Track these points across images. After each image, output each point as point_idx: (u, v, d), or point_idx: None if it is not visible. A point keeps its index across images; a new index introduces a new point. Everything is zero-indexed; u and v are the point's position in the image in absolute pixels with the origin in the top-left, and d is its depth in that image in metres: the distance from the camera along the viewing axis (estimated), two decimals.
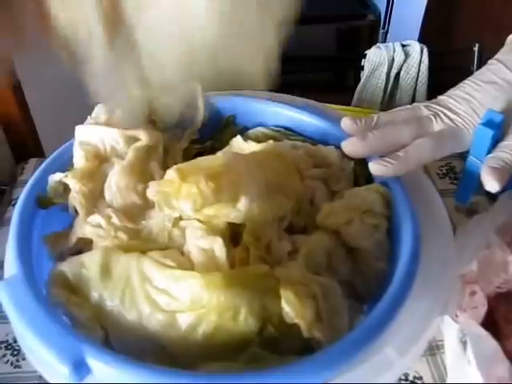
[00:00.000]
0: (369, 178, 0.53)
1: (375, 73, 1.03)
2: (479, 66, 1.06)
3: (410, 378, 0.56)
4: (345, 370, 0.39)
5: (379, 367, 0.40)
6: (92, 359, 0.38)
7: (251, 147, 0.53)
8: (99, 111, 0.55)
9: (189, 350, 0.40)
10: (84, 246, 0.48)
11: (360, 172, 0.53)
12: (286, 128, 0.59)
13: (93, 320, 0.42)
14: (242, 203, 0.45)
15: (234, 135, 0.57)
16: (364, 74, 1.04)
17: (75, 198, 0.50)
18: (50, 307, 0.41)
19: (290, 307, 0.40)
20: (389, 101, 1.06)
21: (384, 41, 1.55)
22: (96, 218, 0.48)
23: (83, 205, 0.49)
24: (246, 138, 0.57)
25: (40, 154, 0.87)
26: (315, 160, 0.54)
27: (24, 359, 0.57)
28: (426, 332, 0.43)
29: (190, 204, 0.44)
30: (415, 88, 1.05)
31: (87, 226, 0.48)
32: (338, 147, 0.54)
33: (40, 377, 0.40)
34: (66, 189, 0.51)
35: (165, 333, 0.41)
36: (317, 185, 0.52)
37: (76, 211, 0.50)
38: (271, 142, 0.53)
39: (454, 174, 0.77)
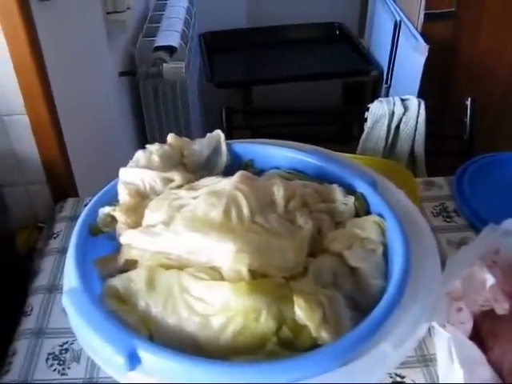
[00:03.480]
0: (367, 211, 0.63)
1: (377, 124, 1.14)
2: (472, 118, 1.17)
3: None
4: (349, 361, 0.48)
5: (377, 359, 0.49)
6: (142, 351, 0.47)
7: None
8: (139, 156, 0.65)
9: (220, 346, 0.49)
10: (129, 266, 0.58)
11: (360, 206, 0.63)
12: (297, 170, 0.69)
13: (140, 324, 0.51)
14: None
15: None
16: (367, 126, 1.16)
17: (122, 228, 0.60)
18: (106, 312, 0.51)
19: (302, 312, 0.50)
20: (390, 150, 1.16)
21: (386, 95, 1.68)
22: (140, 244, 0.58)
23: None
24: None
25: (75, 194, 0.98)
26: (322, 196, 0.64)
27: (69, 368, 0.66)
28: (415, 331, 0.52)
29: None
30: (414, 138, 1.16)
31: (133, 250, 0.58)
32: (341, 185, 0.64)
33: None
34: (112, 220, 0.61)
35: (200, 333, 0.50)
36: (323, 217, 0.62)
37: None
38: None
39: (447, 213, 0.87)
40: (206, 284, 0.51)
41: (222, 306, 0.50)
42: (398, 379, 0.64)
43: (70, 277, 0.55)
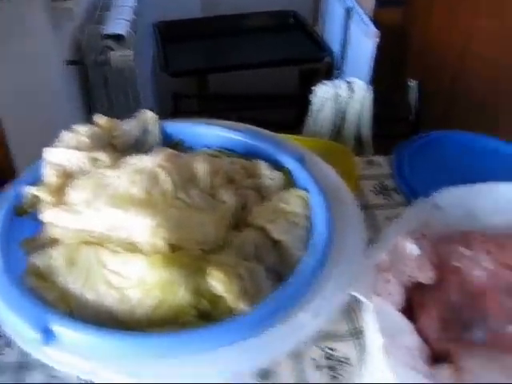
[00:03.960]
0: (294, 186, 0.63)
1: (323, 107, 1.15)
2: (418, 100, 1.19)
3: (340, 359, 0.65)
4: (266, 330, 0.48)
5: (294, 328, 0.49)
6: (57, 326, 0.47)
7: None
8: (66, 136, 0.65)
9: (138, 320, 0.50)
10: (53, 245, 0.58)
11: (286, 181, 0.64)
12: (227, 148, 0.69)
13: (59, 300, 0.51)
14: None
15: None
16: (312, 109, 1.16)
17: (46, 208, 0.59)
18: (24, 290, 0.50)
19: (219, 283, 0.50)
20: (337, 132, 1.17)
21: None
22: (62, 222, 0.57)
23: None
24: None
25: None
26: (249, 172, 0.65)
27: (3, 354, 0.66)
28: (335, 301, 0.53)
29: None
30: (360, 120, 1.17)
31: (56, 228, 0.57)
32: (269, 161, 0.65)
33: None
34: (38, 200, 0.61)
35: (118, 307, 0.50)
36: (249, 192, 0.62)
37: None
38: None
39: (386, 191, 0.88)
40: (123, 258, 0.51)
41: (138, 279, 0.50)
42: (329, 352, 0.66)
43: None
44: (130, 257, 0.51)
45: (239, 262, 0.53)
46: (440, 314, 0.62)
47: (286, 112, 1.55)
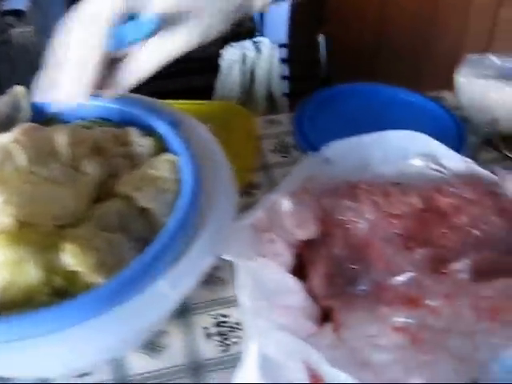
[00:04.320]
0: (166, 150, 0.61)
1: (231, 70, 1.12)
2: (328, 57, 1.17)
3: (232, 325, 0.64)
4: (120, 303, 0.46)
5: (153, 299, 0.47)
6: None
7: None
8: None
9: None
10: None
11: (157, 146, 0.61)
12: (102, 118, 0.66)
13: None
14: None
15: None
16: (220, 72, 1.13)
17: None
18: None
19: (72, 257, 0.48)
20: (247, 94, 1.15)
21: None
22: None
23: None
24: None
25: None
26: (120, 140, 0.62)
27: None
28: (199, 267, 0.51)
29: None
30: (270, 80, 1.14)
31: None
32: (142, 128, 0.62)
33: None
34: None
35: None
36: (119, 161, 0.60)
37: None
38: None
39: (285, 148, 0.86)
40: None
41: None
42: (221, 319, 0.64)
43: None
44: None
45: (97, 233, 0.51)
46: (325, 269, 0.61)
47: (210, 76, 1.51)
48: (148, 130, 0.63)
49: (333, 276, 0.60)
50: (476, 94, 0.90)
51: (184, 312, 0.64)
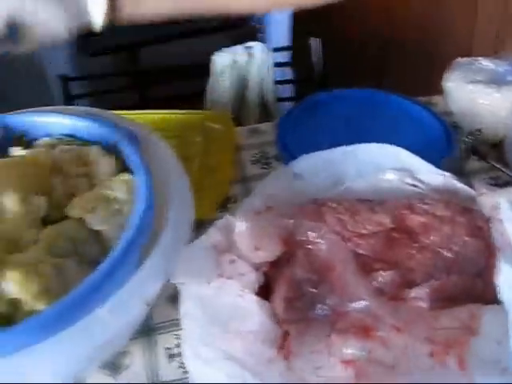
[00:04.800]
0: (125, 169, 0.60)
1: (221, 76, 1.11)
2: (320, 61, 1.14)
3: None
4: (58, 331, 0.46)
5: (91, 326, 0.47)
6: None
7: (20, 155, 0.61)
8: None
9: None
10: None
11: (117, 165, 0.61)
12: (69, 135, 0.66)
13: None
14: None
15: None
16: (210, 79, 1.12)
17: None
18: None
19: (14, 285, 0.47)
20: (240, 100, 1.13)
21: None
22: None
23: None
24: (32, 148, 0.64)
25: None
26: (82, 159, 0.61)
27: None
28: (144, 293, 0.50)
29: None
30: (262, 86, 1.13)
31: None
32: (105, 145, 0.62)
33: None
34: None
35: None
36: (79, 181, 0.59)
37: None
38: (34, 150, 0.61)
39: (266, 160, 0.85)
40: None
41: None
42: None
43: None
44: None
45: (44, 258, 0.51)
46: (286, 292, 0.60)
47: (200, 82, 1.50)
48: (111, 148, 0.63)
49: (293, 299, 0.59)
50: (464, 100, 0.87)
51: (148, 331, 0.63)
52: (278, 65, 1.17)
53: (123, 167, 0.61)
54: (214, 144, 0.84)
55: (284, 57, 1.29)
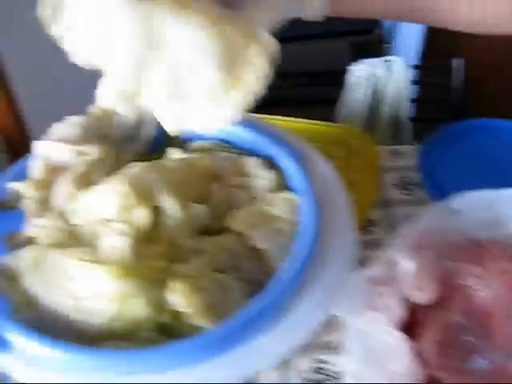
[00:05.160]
0: (286, 186, 0.59)
1: (357, 88, 1.08)
2: (460, 82, 1.09)
3: (329, 373, 0.61)
4: (218, 354, 0.45)
5: (253, 354, 0.46)
6: (12, 335, 0.46)
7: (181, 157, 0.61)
8: (56, 128, 0.63)
9: (94, 331, 0.47)
10: (30, 243, 0.56)
11: (278, 181, 0.59)
12: (223, 140, 0.65)
13: (23, 304, 0.50)
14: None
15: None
16: (346, 90, 1.09)
17: (26, 204, 0.58)
18: None
19: (180, 298, 0.47)
20: (372, 115, 1.10)
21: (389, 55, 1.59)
22: (41, 221, 0.56)
23: (32, 210, 0.57)
24: (186, 151, 0.64)
25: None
26: (238, 169, 0.60)
27: None
28: (309, 322, 0.49)
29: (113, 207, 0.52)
30: (398, 102, 1.09)
31: (32, 227, 0.56)
32: (263, 157, 0.60)
33: None
34: (21, 195, 0.60)
35: (75, 316, 0.48)
36: (236, 192, 0.58)
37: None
38: (196, 155, 0.60)
39: (408, 185, 0.81)
40: (83, 266, 0.49)
41: (95, 289, 0.48)
42: (320, 365, 0.61)
43: None
44: (89, 264, 0.48)
45: (207, 273, 0.50)
46: (440, 336, 0.56)
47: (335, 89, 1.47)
48: (267, 160, 0.61)
49: (447, 345, 0.55)
50: None
51: None
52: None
53: (281, 182, 0.60)
54: (356, 161, 0.82)
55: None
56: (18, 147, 0.93)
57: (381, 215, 0.77)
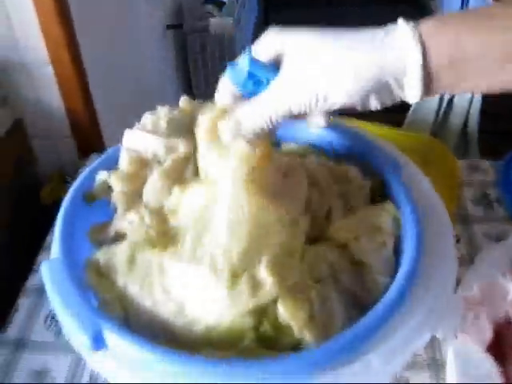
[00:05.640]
0: (385, 198, 0.56)
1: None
2: None
3: None
4: (327, 370, 0.43)
5: (361, 372, 0.44)
6: (108, 333, 0.44)
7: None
8: (146, 119, 0.61)
9: (193, 337, 0.46)
10: (120, 238, 0.55)
11: (377, 191, 0.57)
12: (315, 145, 0.63)
13: (116, 302, 0.48)
14: None
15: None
16: None
17: (116, 197, 0.56)
18: (80, 287, 0.48)
19: (285, 309, 0.45)
20: (440, 124, 1.06)
21: None
22: (131, 216, 0.54)
23: (122, 203, 0.56)
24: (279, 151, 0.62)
25: (102, 149, 0.95)
26: (336, 177, 0.58)
27: None
28: (413, 343, 0.46)
29: None
30: (468, 113, 1.06)
31: (123, 222, 0.54)
32: (360, 166, 0.58)
33: None
34: (110, 187, 0.58)
35: (174, 320, 0.46)
36: (334, 200, 0.56)
37: (116, 208, 0.56)
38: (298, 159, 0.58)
39: (488, 201, 0.79)
40: (185, 268, 0.47)
41: (198, 293, 0.46)
42: (402, 381, 0.59)
43: (54, 247, 0.52)
44: (191, 268, 0.47)
45: (311, 284, 0.48)
46: None
47: None
48: (364, 169, 0.59)
49: None
50: None
51: None
52: None
53: (378, 193, 0.57)
54: (432, 174, 0.79)
55: None
56: (86, 133, 0.92)
57: (460, 231, 0.74)
